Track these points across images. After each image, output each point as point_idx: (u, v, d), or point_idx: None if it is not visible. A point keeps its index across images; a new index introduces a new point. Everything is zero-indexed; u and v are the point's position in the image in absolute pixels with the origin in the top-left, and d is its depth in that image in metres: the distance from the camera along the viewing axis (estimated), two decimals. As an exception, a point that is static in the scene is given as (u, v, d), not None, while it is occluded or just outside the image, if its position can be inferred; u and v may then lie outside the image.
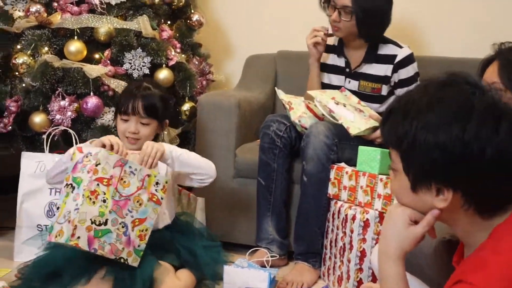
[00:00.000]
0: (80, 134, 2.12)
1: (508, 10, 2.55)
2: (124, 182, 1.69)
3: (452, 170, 0.92)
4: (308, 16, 2.50)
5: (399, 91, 2.19)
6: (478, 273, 0.90)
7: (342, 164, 2.00)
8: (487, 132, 0.90)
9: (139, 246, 1.68)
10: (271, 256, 1.99)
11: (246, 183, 2.26)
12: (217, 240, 1.99)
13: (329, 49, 2.29)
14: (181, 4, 2.52)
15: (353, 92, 2.22)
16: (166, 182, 1.75)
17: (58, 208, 1.70)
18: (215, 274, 1.87)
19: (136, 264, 1.66)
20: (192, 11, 2.59)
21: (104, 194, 1.65)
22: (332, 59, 2.30)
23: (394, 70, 2.18)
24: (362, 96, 2.20)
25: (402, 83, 2.18)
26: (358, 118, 2.04)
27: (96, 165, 1.65)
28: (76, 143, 2.05)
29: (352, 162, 1.98)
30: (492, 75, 1.43)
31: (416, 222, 1.01)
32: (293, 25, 2.83)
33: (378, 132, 2.01)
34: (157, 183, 1.73)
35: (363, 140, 2.04)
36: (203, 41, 2.72)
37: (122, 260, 1.64)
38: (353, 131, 1.98)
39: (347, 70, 2.26)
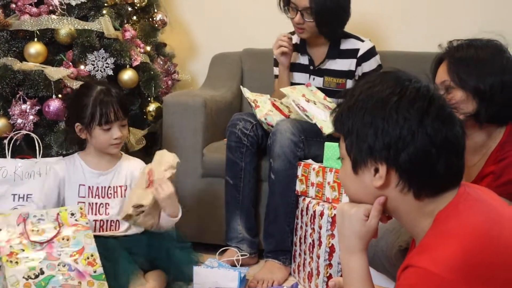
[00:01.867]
0: (43, 138, 2.08)
1: (469, 3, 2.61)
2: (38, 231, 1.62)
3: (384, 149, 0.98)
4: (273, 14, 2.50)
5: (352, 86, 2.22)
6: (422, 256, 0.93)
7: (309, 161, 2.01)
8: (416, 115, 0.96)
9: (95, 272, 1.60)
10: (241, 255, 1.99)
11: (214, 183, 2.25)
12: (187, 240, 1.98)
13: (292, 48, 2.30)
14: (143, 3, 2.49)
15: (318, 88, 2.23)
16: (81, 208, 1.69)
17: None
18: (186, 275, 1.86)
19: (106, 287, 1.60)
20: (155, 10, 2.56)
21: (23, 250, 1.58)
22: (296, 58, 2.31)
23: (358, 64, 2.21)
24: (327, 92, 2.21)
25: (365, 76, 2.20)
26: (329, 117, 2.05)
27: None
28: (39, 147, 2.00)
29: (319, 159, 1.99)
30: (442, 73, 1.48)
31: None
32: (258, 22, 2.83)
33: None
34: (72, 214, 1.67)
35: (330, 136, 2.06)
36: (167, 41, 2.70)
37: None
38: (326, 130, 2.00)
39: (311, 67, 2.28)
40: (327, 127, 2.00)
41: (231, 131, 2.13)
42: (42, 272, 1.56)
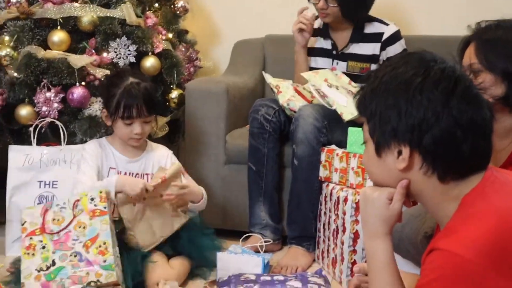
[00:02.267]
0: (68, 125, 2.10)
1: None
2: (58, 220, 1.66)
3: (407, 131, 0.96)
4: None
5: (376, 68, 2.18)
6: (448, 239, 0.92)
7: (333, 146, 1.99)
8: (440, 96, 0.95)
9: (105, 261, 1.60)
10: (265, 241, 1.98)
11: (237, 169, 2.25)
12: (210, 227, 1.98)
13: (315, 32, 2.27)
14: (165, -10, 2.49)
15: (342, 73, 2.19)
16: (101, 192, 1.69)
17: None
18: (209, 261, 1.87)
19: (115, 278, 1.58)
20: (177, -3, 2.55)
21: (41, 241, 1.63)
22: (319, 42, 2.28)
23: (382, 48, 2.17)
24: (351, 76, 2.18)
25: None
26: (350, 102, 2.02)
27: (22, 224, 1.65)
28: (64, 135, 2.03)
29: (342, 144, 1.97)
30: (470, 56, 1.43)
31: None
32: (280, 8, 2.80)
33: None
34: (92, 199, 1.68)
35: (354, 122, 2.03)
36: (189, 28, 2.69)
37: (93, 284, 1.56)
38: (346, 116, 1.97)
39: (334, 52, 2.25)
40: (348, 113, 1.97)
41: (253, 117, 2.12)
42: (53, 263, 1.59)
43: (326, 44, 2.27)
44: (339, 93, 2.04)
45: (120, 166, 1.90)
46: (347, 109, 1.98)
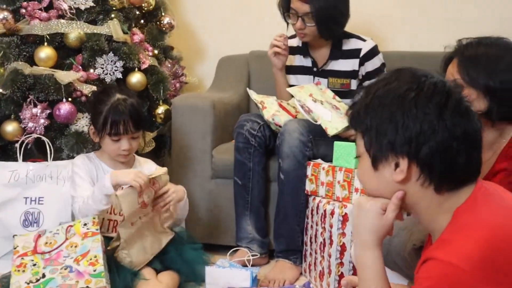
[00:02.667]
0: (54, 141, 2.10)
1: (474, 4, 2.62)
2: (50, 243, 1.67)
3: (405, 144, 0.99)
4: (279, 15, 2.50)
5: (367, 83, 2.23)
6: (442, 250, 0.95)
7: (319, 160, 2.02)
8: (435, 109, 0.98)
9: (95, 271, 1.60)
10: (252, 255, 1.99)
11: (224, 184, 2.26)
12: (198, 241, 1.99)
13: (294, 50, 2.31)
14: (151, 7, 2.52)
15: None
16: (94, 218, 1.71)
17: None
18: (198, 275, 1.87)
19: (104, 284, 1.58)
20: (163, 14, 2.58)
21: (32, 260, 1.63)
22: (299, 60, 2.32)
23: (361, 64, 2.23)
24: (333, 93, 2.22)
25: (370, 75, 2.22)
26: (335, 117, 2.06)
27: (15, 248, 1.67)
28: (50, 151, 2.02)
29: (328, 158, 2.00)
30: (453, 72, 1.48)
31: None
32: (265, 25, 2.84)
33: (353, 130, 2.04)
34: (85, 224, 1.70)
35: (339, 136, 2.07)
36: (174, 44, 2.72)
37: None
38: (331, 131, 2.00)
39: (314, 69, 2.29)
40: (332, 128, 2.00)
41: (238, 132, 2.14)
42: (43, 276, 1.59)
43: (306, 62, 2.31)
44: (324, 108, 2.08)
45: None
46: (332, 124, 2.02)
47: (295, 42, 2.31)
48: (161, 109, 2.39)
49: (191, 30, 2.97)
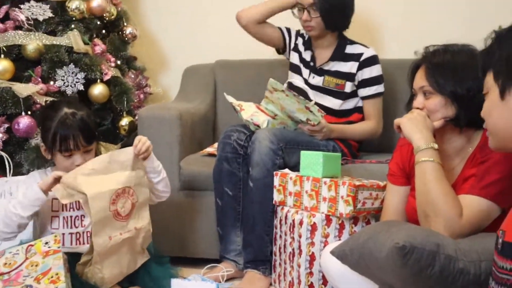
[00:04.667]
0: (13, 156, 2.03)
1: (445, 11, 2.67)
2: (10, 264, 1.61)
3: None
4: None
5: (362, 91, 2.28)
6: None
7: (286, 170, 2.01)
8: None
9: (57, 287, 1.55)
10: (227, 271, 1.98)
11: (192, 195, 2.23)
12: (164, 255, 1.95)
13: (296, 47, 2.38)
14: (113, 17, 2.47)
15: (317, 87, 2.29)
16: (56, 236, 1.65)
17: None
18: (164, 288, 1.83)
19: None
20: (125, 24, 2.54)
21: None
22: (298, 55, 2.37)
23: (359, 68, 2.26)
24: (325, 91, 2.27)
25: (366, 82, 2.26)
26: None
27: None
28: (10, 166, 1.96)
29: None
30: (420, 79, 1.50)
31: None
32: (231, 34, 2.83)
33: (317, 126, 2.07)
34: (46, 243, 1.65)
35: (310, 144, 2.08)
36: (138, 54, 2.68)
37: None
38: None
39: (312, 64, 2.33)
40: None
41: (226, 142, 2.11)
42: None
43: (305, 54, 2.36)
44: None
45: None
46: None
47: (299, 40, 2.38)
48: (125, 121, 2.35)
49: (155, 40, 2.93)
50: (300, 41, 2.42)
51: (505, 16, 2.56)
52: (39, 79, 2.10)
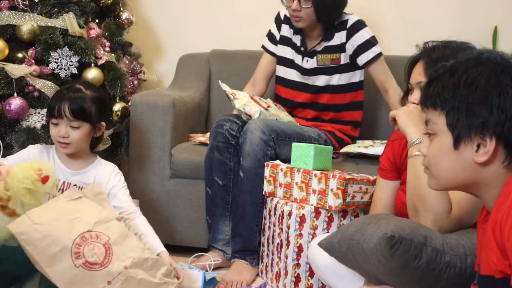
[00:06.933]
0: (4, 137, 2.01)
1: (440, 9, 2.67)
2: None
3: (498, 125, 0.98)
4: (241, 15, 2.50)
5: (362, 58, 2.23)
6: None
7: (277, 162, 2.01)
8: None
9: None
10: (214, 260, 1.99)
11: (183, 184, 2.23)
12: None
13: (283, 40, 2.33)
14: (109, 1, 2.45)
15: (313, 69, 2.25)
16: None
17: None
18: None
19: None
20: (122, 9, 2.52)
21: None
22: (287, 32, 2.32)
23: (348, 36, 2.22)
24: (321, 70, 2.24)
25: (361, 48, 2.22)
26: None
27: None
28: (0, 147, 1.94)
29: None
30: (418, 74, 1.49)
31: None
32: (226, 23, 2.83)
33: None
34: None
35: (302, 137, 2.08)
36: (133, 40, 2.66)
37: None
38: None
39: (302, 49, 2.29)
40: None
41: (218, 132, 2.10)
42: None
43: (295, 38, 2.30)
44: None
45: (62, 176, 1.85)
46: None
47: (284, 31, 2.32)
48: (118, 106, 2.33)
49: (151, 26, 2.91)
50: (285, 27, 2.33)
51: (501, 13, 2.60)
52: (33, 61, 2.07)
